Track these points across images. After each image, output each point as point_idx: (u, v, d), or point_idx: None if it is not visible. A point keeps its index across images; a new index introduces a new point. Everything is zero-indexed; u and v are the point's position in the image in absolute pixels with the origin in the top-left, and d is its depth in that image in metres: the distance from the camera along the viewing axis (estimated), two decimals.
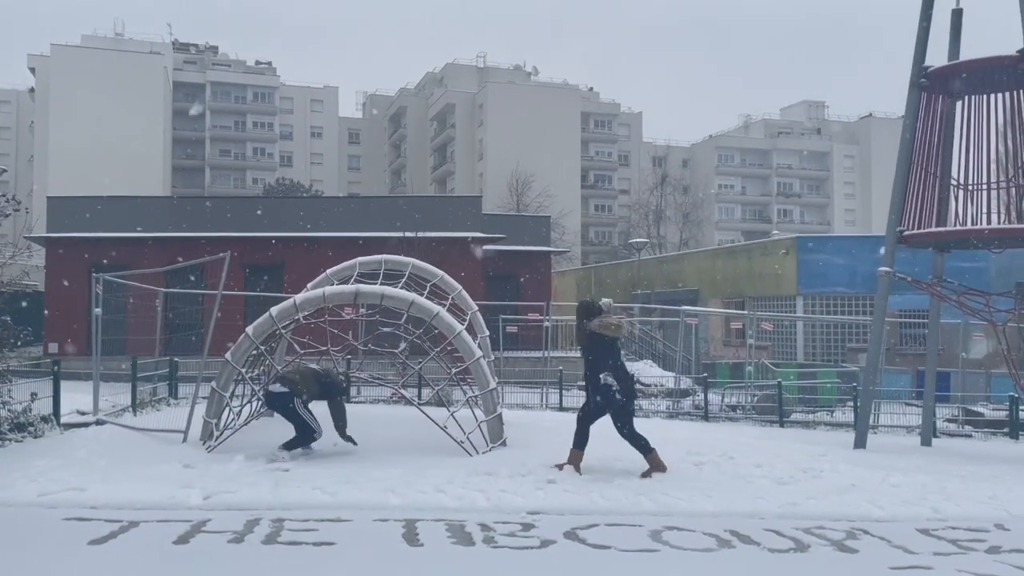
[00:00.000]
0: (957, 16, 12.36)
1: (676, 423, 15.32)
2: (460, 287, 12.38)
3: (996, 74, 11.41)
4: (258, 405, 10.40)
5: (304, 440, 9.00)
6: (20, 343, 10.94)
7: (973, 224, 11.74)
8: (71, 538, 5.65)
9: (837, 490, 7.79)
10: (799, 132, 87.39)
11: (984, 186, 11.73)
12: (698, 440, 11.35)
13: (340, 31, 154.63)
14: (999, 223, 11.62)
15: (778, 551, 5.69)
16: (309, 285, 11.67)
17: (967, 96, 11.86)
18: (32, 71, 63.34)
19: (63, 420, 10.45)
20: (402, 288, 10.35)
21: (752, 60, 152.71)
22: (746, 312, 21.92)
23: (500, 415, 9.66)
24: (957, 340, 18.24)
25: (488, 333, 13.04)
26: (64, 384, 10.69)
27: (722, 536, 5.99)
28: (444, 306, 10.25)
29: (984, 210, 11.78)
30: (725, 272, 32.09)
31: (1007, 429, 14.52)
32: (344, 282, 11.38)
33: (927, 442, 12.91)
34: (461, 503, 6.80)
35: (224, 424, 9.43)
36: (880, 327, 12.60)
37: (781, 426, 15.49)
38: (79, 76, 58.67)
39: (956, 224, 11.87)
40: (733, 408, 17.44)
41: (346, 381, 10.25)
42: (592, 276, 43.48)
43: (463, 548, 5.57)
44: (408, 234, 22.72)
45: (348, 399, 10.56)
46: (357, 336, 13.33)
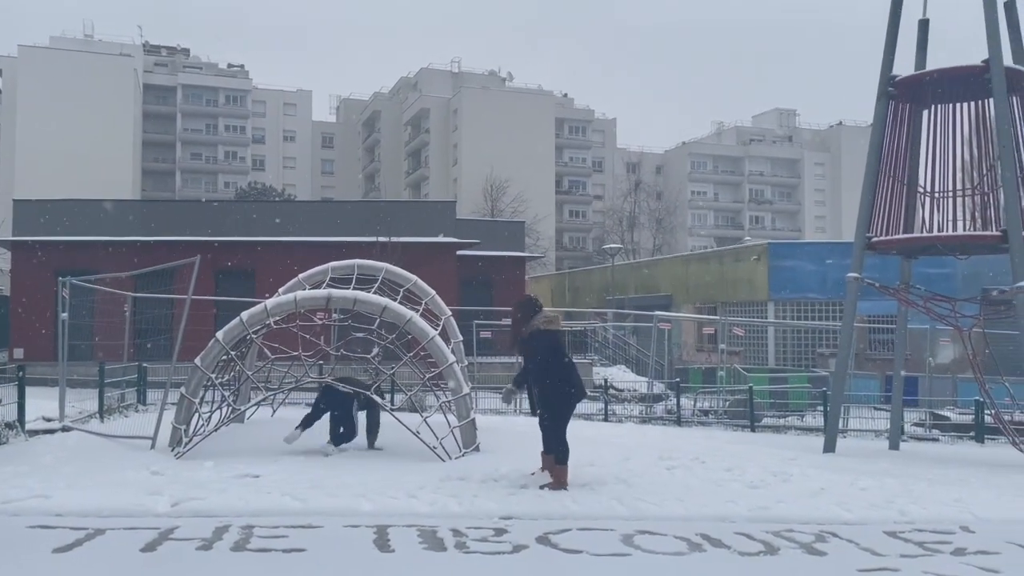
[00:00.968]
0: (924, 27, 12.59)
1: (649, 427, 15.40)
2: (434, 292, 12.34)
3: (962, 84, 11.63)
4: (229, 411, 10.30)
5: (349, 438, 9.97)
6: None
7: (939, 231, 11.94)
8: (35, 546, 5.54)
9: (807, 494, 7.87)
10: (771, 140, 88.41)
11: (950, 193, 11.94)
12: (670, 444, 11.42)
13: (313, 35, 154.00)
14: (964, 230, 11.83)
15: (748, 554, 5.72)
16: (281, 290, 11.57)
17: (934, 105, 12.08)
18: None
19: (28, 427, 10.26)
20: (375, 293, 10.30)
21: (725, 68, 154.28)
22: (718, 317, 22.08)
23: (473, 420, 9.64)
24: (924, 345, 18.51)
25: (462, 338, 13.01)
26: (30, 390, 10.50)
27: (693, 540, 6.01)
28: (417, 311, 10.22)
29: (950, 217, 12.00)
30: (698, 278, 32.34)
31: (973, 433, 14.77)
32: (316, 287, 11.31)
33: (895, 446, 13.10)
34: (433, 508, 6.76)
35: (193, 430, 9.31)
36: (849, 332, 12.76)
37: (752, 430, 15.63)
38: (47, 78, 57.85)
39: (923, 231, 12.07)
40: (705, 413, 17.56)
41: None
42: (566, 281, 43.60)
43: (435, 554, 5.54)
44: (382, 239, 22.62)
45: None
46: (329, 341, 13.23)
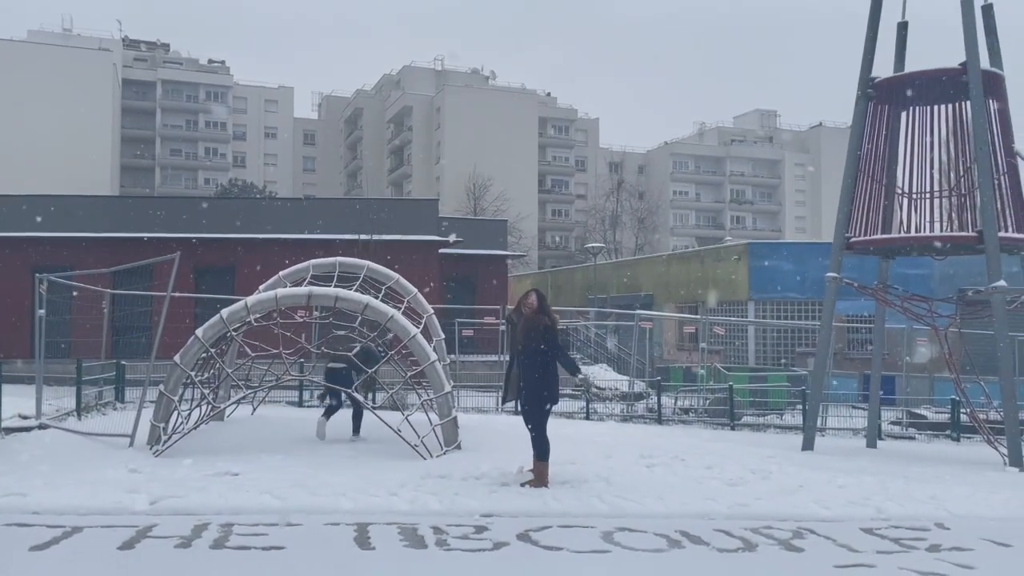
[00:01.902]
0: (903, 29, 12.72)
1: (630, 426, 15.47)
2: (416, 290, 12.33)
3: (939, 86, 11.76)
4: (208, 409, 10.24)
5: (359, 416, 10.80)
6: None
7: (917, 231, 12.08)
8: (11, 544, 5.50)
9: (785, 491, 7.94)
10: (752, 140, 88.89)
11: (928, 195, 12.07)
12: (651, 443, 11.48)
13: (295, 31, 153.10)
14: (942, 231, 11.97)
15: (727, 551, 5.77)
16: (261, 287, 11.52)
17: (912, 107, 12.20)
18: None
19: (4, 424, 10.13)
20: (357, 291, 10.28)
21: (707, 69, 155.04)
22: (699, 317, 22.20)
23: (455, 418, 9.65)
24: (901, 345, 18.69)
25: (443, 336, 13.01)
26: (6, 388, 10.38)
27: (673, 537, 6.06)
28: (399, 309, 10.20)
29: (928, 218, 12.13)
30: (679, 277, 32.49)
31: (949, 431, 14.95)
32: (297, 284, 11.26)
33: (872, 444, 13.23)
34: (414, 506, 6.76)
35: (172, 428, 9.25)
36: (828, 332, 12.89)
37: (732, 429, 15.73)
38: (24, 71, 57.09)
39: (901, 231, 12.20)
40: (686, 411, 17.65)
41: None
42: (548, 280, 43.64)
43: (415, 551, 5.55)
44: (363, 237, 22.55)
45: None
46: (310, 339, 13.18)
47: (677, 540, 5.98)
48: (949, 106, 11.92)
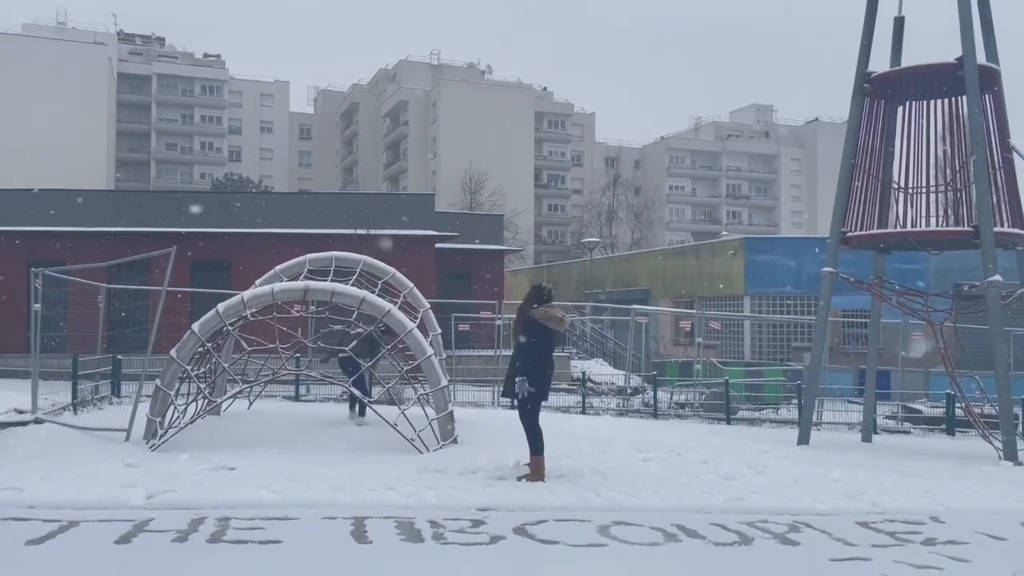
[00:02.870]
0: (899, 24, 12.71)
1: (626, 420, 15.50)
2: (412, 285, 12.32)
3: (936, 80, 11.76)
4: (204, 404, 10.23)
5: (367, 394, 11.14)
6: None
7: (913, 226, 12.09)
8: (7, 538, 5.49)
9: (781, 485, 7.96)
10: (748, 135, 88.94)
11: (924, 189, 12.09)
12: (647, 437, 11.50)
13: (291, 25, 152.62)
14: (937, 225, 11.98)
15: (723, 544, 5.79)
16: (258, 282, 11.50)
17: (908, 101, 12.20)
18: None
19: (0, 419, 10.12)
20: (353, 285, 10.27)
21: (703, 64, 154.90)
22: (695, 311, 22.23)
23: (451, 413, 9.65)
24: (897, 339, 18.74)
25: (440, 331, 13.01)
26: (1, 382, 10.37)
27: (669, 530, 6.07)
28: (396, 304, 10.20)
29: (924, 213, 12.14)
30: (675, 272, 32.52)
31: (944, 426, 14.99)
32: (294, 279, 11.24)
33: (867, 438, 13.27)
34: (411, 500, 6.76)
35: (168, 423, 9.24)
36: (823, 327, 12.90)
37: (728, 423, 15.76)
38: (19, 65, 56.85)
39: (897, 226, 12.21)
40: (681, 406, 17.69)
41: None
42: (545, 275, 43.64)
43: (412, 545, 5.55)
44: (360, 231, 22.53)
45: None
46: (306, 333, 13.17)
47: (673, 534, 5.99)
48: (945, 101, 11.92)
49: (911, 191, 12.09)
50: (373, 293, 10.09)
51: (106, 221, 24.32)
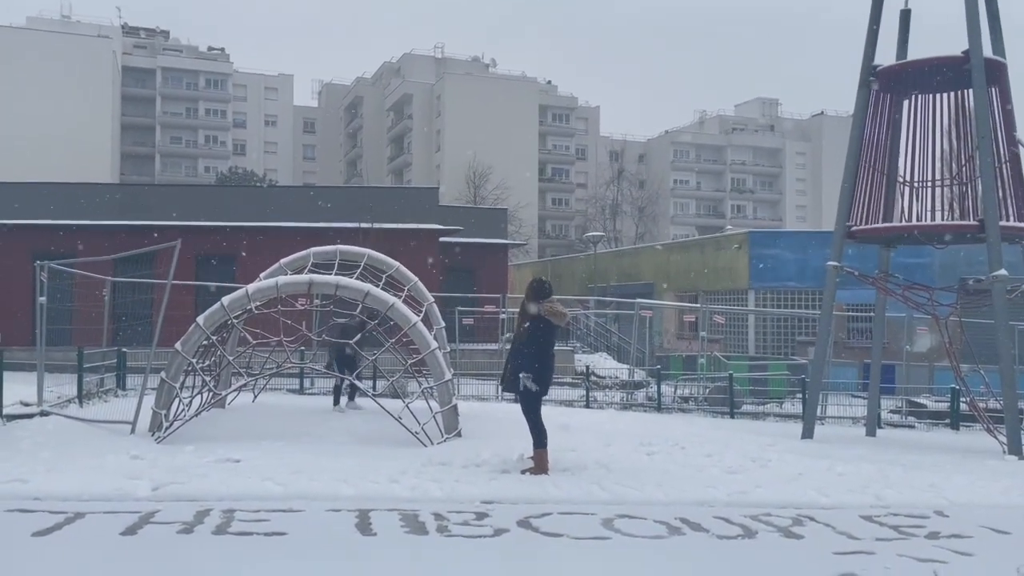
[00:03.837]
0: (905, 17, 12.65)
1: (629, 414, 15.50)
2: (416, 278, 12.34)
3: (942, 74, 11.70)
4: (209, 397, 10.26)
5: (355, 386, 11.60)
6: None
7: (919, 220, 12.06)
8: (14, 530, 5.52)
9: (785, 479, 7.97)
10: (753, 129, 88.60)
11: (929, 183, 12.05)
12: (651, 431, 11.50)
13: (295, 19, 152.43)
14: (943, 219, 11.95)
15: (727, 537, 5.79)
16: (262, 275, 11.52)
17: (914, 95, 12.15)
18: None
19: (6, 411, 10.18)
20: (357, 279, 10.28)
21: (708, 57, 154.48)
22: (699, 305, 22.20)
23: (455, 406, 9.67)
24: (902, 334, 18.69)
25: (444, 324, 13.03)
26: (7, 375, 10.41)
27: (672, 524, 6.08)
28: (400, 297, 10.21)
29: (929, 207, 12.11)
30: (679, 266, 32.48)
31: (948, 420, 14.97)
32: (298, 272, 11.26)
33: (872, 433, 13.26)
34: (415, 493, 6.78)
35: (174, 415, 9.27)
36: (828, 320, 12.89)
37: (732, 417, 15.75)
38: (23, 59, 56.91)
39: (902, 220, 12.18)
40: (685, 400, 17.68)
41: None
42: (549, 269, 43.63)
43: (417, 537, 5.57)
44: (364, 225, 22.52)
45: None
46: (311, 327, 13.20)
47: (677, 527, 6.00)
48: (951, 94, 11.87)
49: (917, 185, 12.05)
50: (377, 287, 10.10)
51: (111, 215, 24.34)
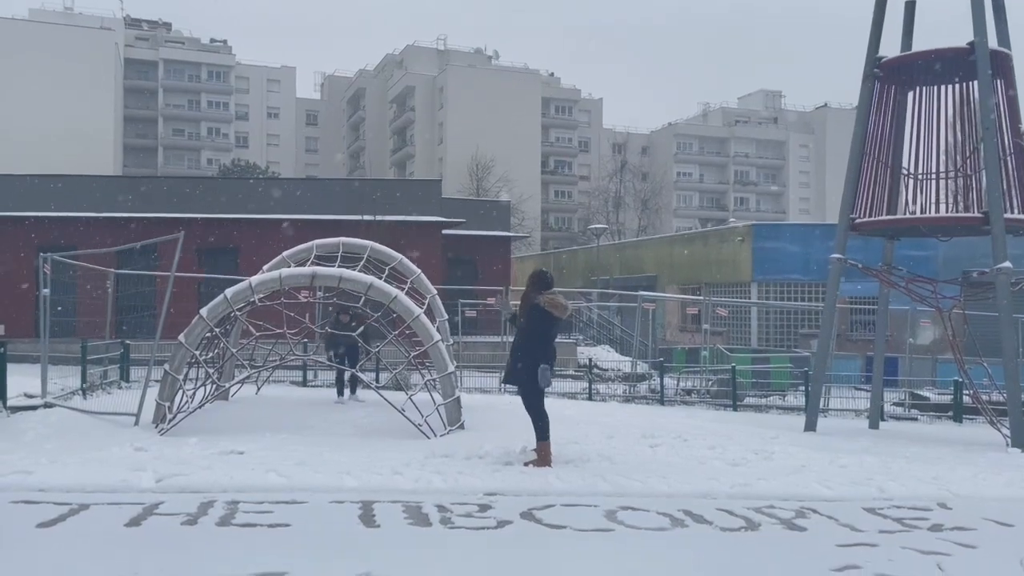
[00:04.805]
0: (910, 9, 12.59)
1: (632, 407, 15.52)
2: (419, 271, 12.34)
3: (946, 66, 11.65)
4: (213, 389, 10.29)
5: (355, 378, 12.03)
6: None
7: (923, 213, 12.02)
8: (19, 521, 5.53)
9: (787, 471, 7.96)
10: (756, 121, 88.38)
11: (933, 176, 12.00)
12: (654, 423, 11.51)
13: (297, 10, 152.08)
14: (947, 212, 11.91)
15: (730, 529, 5.80)
16: (265, 267, 11.53)
17: (918, 87, 12.09)
18: None
19: (10, 403, 10.18)
20: (360, 271, 10.28)
21: (711, 49, 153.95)
22: (702, 298, 22.19)
23: (458, 398, 9.68)
24: (905, 326, 18.68)
25: (447, 317, 13.04)
26: (11, 367, 10.41)
27: (675, 515, 6.08)
28: (403, 290, 10.21)
29: (933, 199, 12.06)
30: (682, 259, 32.45)
31: (951, 413, 14.97)
32: (301, 265, 11.27)
33: (875, 425, 13.26)
34: (418, 485, 6.79)
35: (177, 407, 9.30)
36: (831, 313, 12.87)
37: (735, 410, 15.76)
38: (26, 51, 56.89)
39: (906, 213, 12.14)
40: (688, 392, 17.69)
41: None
42: (551, 262, 43.62)
43: (420, 528, 5.58)
44: (367, 217, 22.52)
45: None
46: (314, 319, 13.22)
47: (680, 519, 6.00)
48: (956, 86, 11.82)
49: (921, 177, 12.01)
50: (380, 279, 10.10)
51: (114, 207, 24.38)
